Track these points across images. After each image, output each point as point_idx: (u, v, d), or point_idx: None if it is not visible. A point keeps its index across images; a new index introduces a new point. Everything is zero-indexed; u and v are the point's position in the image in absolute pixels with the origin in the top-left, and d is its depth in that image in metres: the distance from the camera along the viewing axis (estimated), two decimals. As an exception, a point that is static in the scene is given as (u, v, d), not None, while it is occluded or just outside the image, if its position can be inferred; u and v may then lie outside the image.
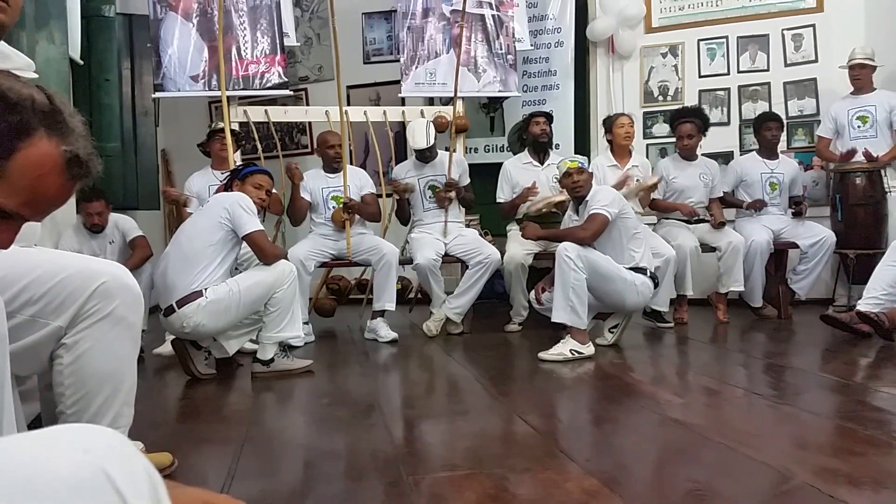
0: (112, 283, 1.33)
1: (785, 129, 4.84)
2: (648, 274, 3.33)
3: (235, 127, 4.22)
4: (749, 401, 2.39)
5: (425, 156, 4.13)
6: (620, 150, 4.32)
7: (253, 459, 1.86)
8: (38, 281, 1.28)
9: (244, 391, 2.80)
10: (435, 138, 4.09)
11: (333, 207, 4.01)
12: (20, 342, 1.28)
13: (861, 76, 4.40)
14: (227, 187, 3.16)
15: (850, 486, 1.49)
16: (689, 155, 4.40)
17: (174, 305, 2.83)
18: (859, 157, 4.25)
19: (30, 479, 0.47)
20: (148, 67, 4.51)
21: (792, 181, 4.46)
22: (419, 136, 4.04)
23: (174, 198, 3.88)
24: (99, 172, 1.21)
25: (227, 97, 3.89)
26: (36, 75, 1.58)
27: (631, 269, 3.29)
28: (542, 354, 3.14)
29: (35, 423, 1.53)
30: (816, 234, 4.21)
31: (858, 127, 4.41)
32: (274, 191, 3.68)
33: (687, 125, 4.33)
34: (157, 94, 4.28)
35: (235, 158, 3.98)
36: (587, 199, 3.33)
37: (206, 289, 2.83)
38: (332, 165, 4.07)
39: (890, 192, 4.25)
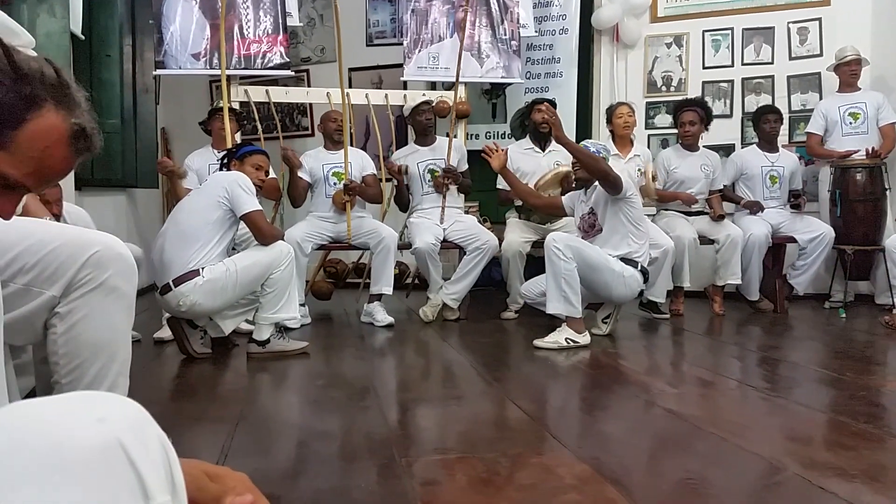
0: (105, 252, 1.32)
1: (787, 122, 4.83)
2: (640, 268, 3.33)
3: (236, 106, 4.19)
4: (742, 393, 2.40)
5: (423, 129, 4.21)
6: (621, 140, 4.31)
7: (247, 438, 1.87)
8: (31, 250, 1.28)
9: (239, 371, 2.80)
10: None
11: (335, 184, 3.99)
12: (14, 312, 1.28)
13: (857, 72, 4.41)
14: (224, 167, 3.15)
15: (841, 478, 1.49)
16: (691, 144, 4.39)
17: (170, 284, 2.82)
18: (860, 155, 4.24)
19: (51, 450, 0.46)
20: (149, 44, 4.47)
21: (792, 174, 4.45)
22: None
23: (169, 168, 3.78)
24: (100, 148, 1.21)
25: (228, 76, 3.86)
26: (34, 53, 1.57)
27: (623, 257, 3.29)
28: (537, 342, 3.15)
29: (29, 398, 1.53)
30: (815, 230, 4.21)
31: (850, 123, 4.41)
32: (272, 174, 3.65)
33: (689, 113, 4.33)
34: (159, 72, 4.25)
35: (235, 138, 3.96)
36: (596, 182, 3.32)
37: (202, 268, 2.83)
38: (334, 138, 4.06)
39: (889, 189, 4.24)
